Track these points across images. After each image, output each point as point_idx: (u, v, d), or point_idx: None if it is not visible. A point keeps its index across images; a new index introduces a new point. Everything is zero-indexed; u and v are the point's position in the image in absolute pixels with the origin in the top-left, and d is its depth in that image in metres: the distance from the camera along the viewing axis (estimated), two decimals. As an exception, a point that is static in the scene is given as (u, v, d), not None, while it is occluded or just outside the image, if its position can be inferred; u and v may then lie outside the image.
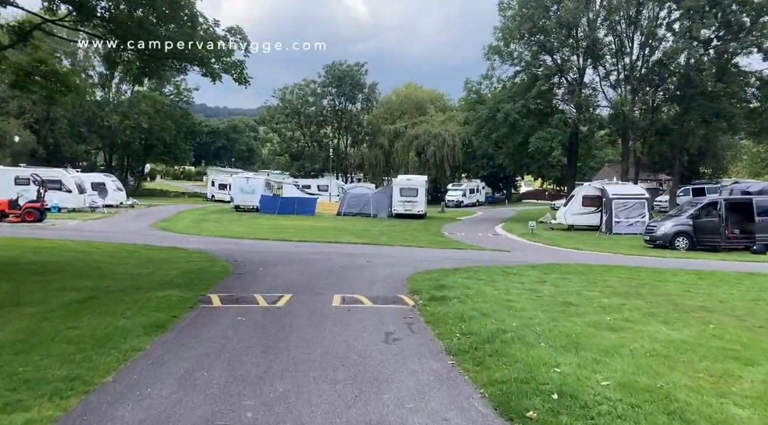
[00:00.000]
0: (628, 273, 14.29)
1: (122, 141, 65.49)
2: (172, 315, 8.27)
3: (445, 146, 69.43)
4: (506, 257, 18.82)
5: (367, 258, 16.93)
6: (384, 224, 35.14)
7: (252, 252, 18.05)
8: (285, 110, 76.92)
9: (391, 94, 77.10)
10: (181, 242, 20.58)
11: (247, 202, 43.40)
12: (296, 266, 14.77)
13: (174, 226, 28.61)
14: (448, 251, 20.16)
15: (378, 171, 72.92)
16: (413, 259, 17.07)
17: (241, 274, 13.12)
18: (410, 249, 20.70)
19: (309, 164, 74.46)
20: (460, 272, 13.42)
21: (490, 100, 39.17)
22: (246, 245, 20.31)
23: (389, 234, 28.09)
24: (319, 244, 21.69)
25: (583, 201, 32.78)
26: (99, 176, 44.90)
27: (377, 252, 19.10)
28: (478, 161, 76.44)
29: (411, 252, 19.58)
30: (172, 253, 17.06)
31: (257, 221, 33.87)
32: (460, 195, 67.36)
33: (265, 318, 8.52)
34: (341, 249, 19.95)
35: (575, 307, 9.48)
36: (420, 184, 42.19)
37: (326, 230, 29.17)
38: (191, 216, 36.64)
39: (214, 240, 22.23)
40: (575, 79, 40.30)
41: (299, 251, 18.64)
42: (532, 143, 36.91)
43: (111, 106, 67.69)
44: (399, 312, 9.05)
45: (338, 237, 24.92)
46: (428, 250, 20.60)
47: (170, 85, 70.96)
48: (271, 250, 19.05)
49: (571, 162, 41.13)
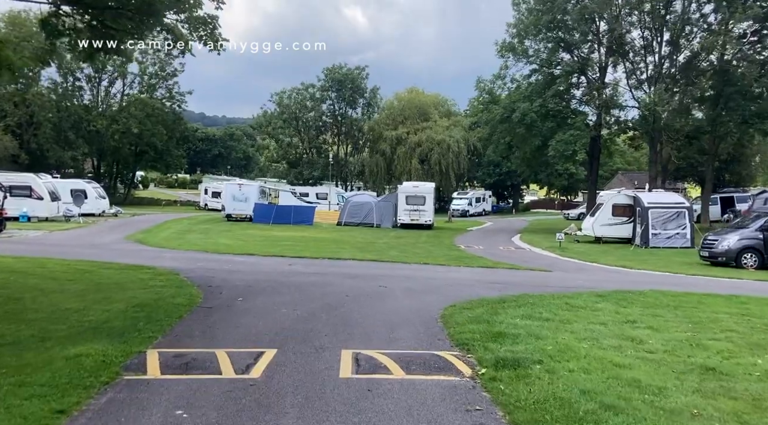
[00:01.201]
0: (727, 305, 10.77)
1: (111, 147, 62.01)
2: (58, 409, 4.67)
3: (450, 152, 66.10)
4: (551, 279, 15.27)
5: (378, 281, 13.39)
6: (390, 236, 31.62)
7: (235, 272, 14.50)
8: (282, 115, 73.51)
9: (393, 99, 73.65)
10: (153, 259, 17.04)
11: (239, 211, 39.83)
12: (287, 295, 11.21)
13: (152, 238, 25.04)
14: (476, 271, 16.56)
15: (379, 179, 69.37)
16: (438, 282, 13.54)
17: (211, 309, 9.55)
18: (428, 268, 17.10)
19: (307, 172, 70.92)
20: (511, 306, 9.88)
21: (505, 99, 35.78)
22: (230, 263, 16.75)
23: (398, 248, 24.55)
24: (317, 261, 18.10)
25: (613, 211, 29.29)
26: (79, 183, 41.39)
27: (390, 272, 15.54)
28: (483, 169, 73.03)
29: (431, 272, 15.99)
30: (133, 274, 13.50)
31: (248, 233, 30.32)
32: (466, 204, 64.06)
33: (226, 411, 4.95)
34: (345, 268, 16.40)
35: (726, 377, 5.96)
36: (428, 191, 38.72)
37: (326, 242, 25.64)
38: (176, 227, 33.07)
39: (193, 256, 18.66)
40: (595, 79, 37.00)
41: (293, 272, 15.06)
42: (552, 147, 33.49)
43: (99, 109, 64.36)
44: (452, 394, 5.45)
45: (339, 252, 21.37)
46: (451, 269, 17.03)
47: (162, 88, 67.67)
48: (260, 269, 15.48)
49: (593, 168, 37.67)
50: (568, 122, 35.40)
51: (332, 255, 19.85)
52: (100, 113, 63.36)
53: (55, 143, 59.07)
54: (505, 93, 37.68)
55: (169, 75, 67.50)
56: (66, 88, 63.27)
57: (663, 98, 29.24)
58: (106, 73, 65.33)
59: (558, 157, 33.48)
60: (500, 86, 38.36)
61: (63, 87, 63.14)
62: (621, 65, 36.33)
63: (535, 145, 35.02)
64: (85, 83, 65.36)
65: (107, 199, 42.57)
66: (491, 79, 37.89)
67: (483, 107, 37.43)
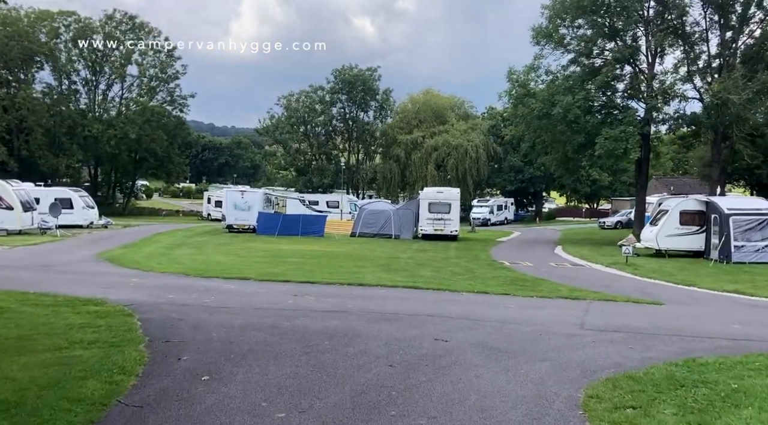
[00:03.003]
0: None
1: (107, 153, 57.96)
2: None
3: (468, 157, 61.67)
4: (680, 319, 10.54)
5: (428, 326, 8.89)
6: (413, 249, 27.10)
7: (217, 312, 10.04)
8: (290, 119, 69.22)
9: (407, 102, 69.22)
10: (112, 287, 12.64)
11: (241, 221, 35.46)
12: (289, 364, 6.69)
13: (131, 255, 20.65)
14: (560, 306, 11.67)
15: (393, 186, 64.87)
16: (520, 330, 8.93)
17: (142, 409, 5.06)
18: (487, 300, 12.38)
19: (317, 179, 66.44)
20: (712, 402, 5.30)
21: (543, 92, 31.18)
22: (214, 294, 12.27)
23: (429, 265, 20.01)
24: (333, 289, 13.53)
25: (681, 219, 24.60)
26: (65, 191, 37.22)
27: (438, 308, 10.98)
28: (504, 175, 68.34)
29: (497, 308, 11.25)
30: (63, 316, 9.08)
31: (250, 246, 25.91)
32: (487, 212, 59.51)
33: None
34: (372, 300, 11.85)
35: None
36: (453, 198, 34.20)
37: (341, 258, 21.16)
38: (167, 240, 28.75)
39: (169, 282, 14.23)
40: (642, 69, 32.40)
41: (299, 309, 10.54)
42: (600, 145, 28.84)
43: (95, 114, 60.48)
44: None
45: (359, 272, 16.88)
46: (522, 302, 12.18)
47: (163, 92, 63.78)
48: (253, 304, 10.99)
49: (642, 171, 32.92)
50: (617, 117, 30.82)
51: (351, 278, 15.32)
52: (96, 118, 59.44)
53: (48, 149, 55.10)
54: (540, 86, 33.08)
55: (170, 77, 63.67)
56: (61, 92, 59.48)
57: (738, 85, 24.58)
58: (104, 75, 61.61)
59: (608, 156, 28.82)
60: (534, 79, 33.74)
61: (58, 91, 59.37)
62: (676, 52, 31.68)
63: (578, 143, 30.42)
64: (82, 87, 61.66)
65: (96, 209, 38.34)
66: (524, 70, 33.28)
67: (517, 101, 32.69)
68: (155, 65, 62.97)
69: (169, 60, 63.21)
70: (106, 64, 60.57)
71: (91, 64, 60.50)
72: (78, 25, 58.81)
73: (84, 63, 60.54)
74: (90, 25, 59.39)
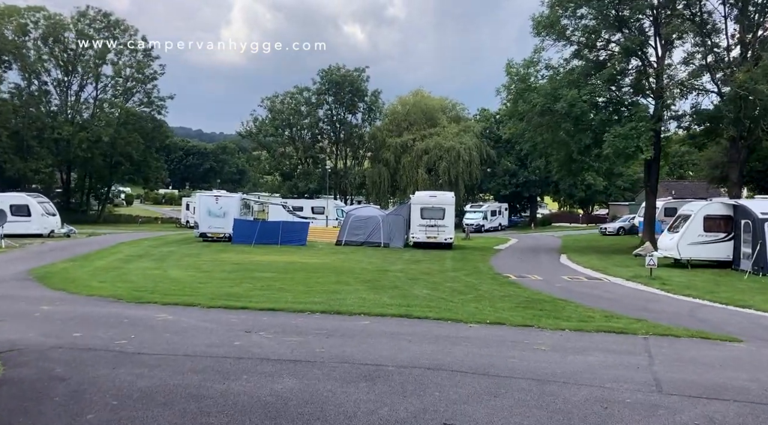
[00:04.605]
0: None
1: (79, 157, 54.44)
2: None
3: (460, 161, 58.99)
4: None
5: (428, 393, 5.91)
6: (404, 260, 24.13)
7: (127, 361, 7.00)
8: (274, 121, 66.15)
9: (397, 104, 66.35)
10: (10, 317, 9.60)
11: (216, 229, 32.29)
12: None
13: (73, 271, 17.50)
14: (611, 345, 8.42)
15: (382, 191, 61.92)
16: (572, 394, 5.89)
17: None
18: (506, 337, 9.13)
19: (302, 184, 63.30)
20: None
21: (546, 86, 28.39)
22: (141, 328, 9.17)
23: (423, 280, 17.05)
24: (299, 318, 10.40)
25: (705, 225, 21.83)
26: (21, 197, 33.92)
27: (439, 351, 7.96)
28: (498, 179, 65.62)
29: (524, 348, 8.20)
30: None
31: (219, 258, 22.82)
32: (480, 218, 56.75)
33: None
34: (349, 338, 8.81)
35: None
36: (447, 202, 31.28)
37: (320, 272, 18.15)
38: (128, 251, 25.56)
39: (91, 311, 11.11)
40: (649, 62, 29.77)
41: (246, 356, 7.45)
42: (609, 143, 26.11)
43: (66, 116, 56.99)
44: None
45: (339, 291, 13.88)
46: (554, 340, 8.86)
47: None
48: (185, 347, 7.90)
49: (652, 171, 30.20)
50: (624, 114, 28.17)
51: (328, 301, 12.28)
52: (67, 120, 55.98)
53: (15, 153, 51.52)
54: (541, 82, 30.34)
55: (147, 78, 60.41)
56: (30, 93, 55.95)
57: None
58: (76, 75, 58.21)
59: (617, 155, 26.06)
60: (533, 73, 30.99)
61: (27, 91, 55.86)
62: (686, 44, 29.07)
63: (584, 143, 27.65)
64: (53, 87, 58.20)
65: (57, 216, 35.00)
66: (524, 64, 30.53)
67: (517, 97, 29.83)
68: (131, 65, 59.75)
69: (146, 60, 59.99)
70: (78, 64, 57.21)
71: (63, 64, 57.12)
72: (48, 21, 55.43)
73: (55, 62, 57.15)
74: (61, 22, 56.01)
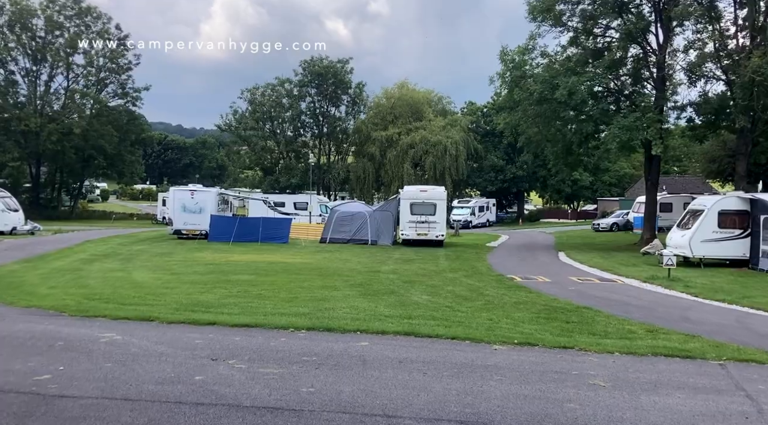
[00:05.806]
0: None
1: (49, 150, 51.65)
2: None
3: (447, 155, 57.51)
4: None
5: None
6: (394, 259, 22.35)
7: (45, 408, 5.11)
8: (254, 114, 63.86)
9: (382, 96, 64.50)
10: None
11: (191, 225, 30.27)
12: None
13: (23, 274, 15.41)
14: (675, 372, 6.54)
15: (367, 186, 60.18)
16: None
17: None
18: (546, 361, 7.22)
19: (284, 179, 61.19)
20: None
21: (544, 73, 26.78)
22: (76, 354, 7.22)
23: (419, 283, 15.27)
24: (280, 338, 8.44)
25: (720, 221, 20.37)
26: (-20, 192, 31.51)
27: (467, 391, 6.16)
28: (485, 174, 64.19)
29: (577, 384, 6.28)
30: None
31: (192, 257, 20.81)
32: (468, 214, 55.30)
33: None
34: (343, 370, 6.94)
35: None
36: (439, 197, 29.58)
37: (304, 274, 16.28)
38: (93, 250, 23.41)
39: (18, 329, 9.12)
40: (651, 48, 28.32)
41: (207, 401, 5.54)
42: (611, 134, 24.58)
43: (35, 107, 54.11)
44: None
45: (327, 297, 12.06)
46: (612, 370, 6.90)
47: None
48: (127, 385, 5.98)
49: (653, 165, 28.77)
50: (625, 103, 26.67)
51: (314, 312, 10.43)
52: (36, 111, 53.15)
53: (-22, 146, 48.73)
54: (536, 70, 28.73)
55: (121, 68, 57.73)
56: (-5, 83, 53.04)
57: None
58: (46, 64, 55.29)
59: (620, 148, 24.54)
60: (528, 61, 29.35)
61: (-9, 81, 52.93)
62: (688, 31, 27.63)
63: (586, 132, 26.07)
64: (21, 77, 55.22)
65: (20, 212, 32.58)
66: (518, 50, 28.87)
67: (513, 85, 28.14)
68: (105, 55, 56.99)
69: (120, 49, 57.27)
70: (48, 52, 54.32)
71: (31, 52, 54.20)
72: (14, 7, 52.44)
73: (23, 50, 54.21)
74: (29, 8, 53.07)
